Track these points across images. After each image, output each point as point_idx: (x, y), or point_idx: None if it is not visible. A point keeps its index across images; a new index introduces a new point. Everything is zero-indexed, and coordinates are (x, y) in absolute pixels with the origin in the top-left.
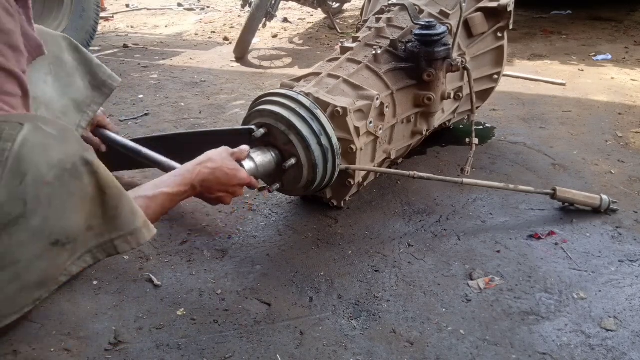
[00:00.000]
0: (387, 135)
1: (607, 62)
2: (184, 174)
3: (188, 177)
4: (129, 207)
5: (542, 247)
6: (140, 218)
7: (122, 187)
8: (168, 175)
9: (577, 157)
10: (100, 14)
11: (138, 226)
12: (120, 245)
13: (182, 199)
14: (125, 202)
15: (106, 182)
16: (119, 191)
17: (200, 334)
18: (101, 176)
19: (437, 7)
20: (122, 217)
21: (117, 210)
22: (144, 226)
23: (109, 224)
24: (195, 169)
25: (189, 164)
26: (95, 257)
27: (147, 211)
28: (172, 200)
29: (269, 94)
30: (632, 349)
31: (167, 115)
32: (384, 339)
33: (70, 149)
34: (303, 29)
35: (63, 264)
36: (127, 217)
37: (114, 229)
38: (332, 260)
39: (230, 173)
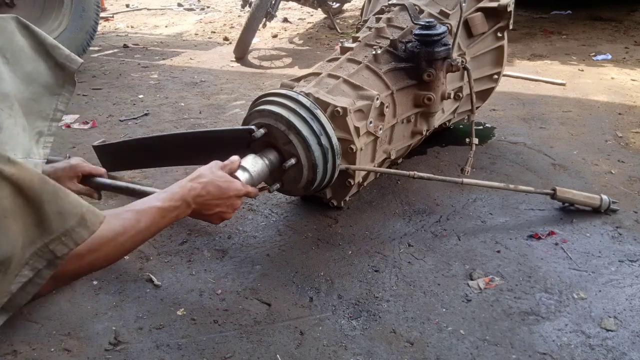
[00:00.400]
0: (387, 135)
1: (607, 62)
2: (174, 189)
3: (179, 192)
4: (55, 206)
5: (542, 247)
6: (72, 216)
7: (43, 183)
8: (160, 191)
9: (577, 157)
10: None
11: (71, 225)
12: (56, 248)
13: (176, 216)
14: (49, 200)
15: (21, 185)
16: (38, 190)
17: (200, 334)
18: (14, 181)
19: (437, 7)
20: (49, 219)
21: (42, 211)
22: (79, 224)
23: (36, 229)
24: (186, 185)
25: (180, 180)
26: (34, 267)
27: (137, 225)
28: (163, 215)
29: (269, 94)
30: (632, 349)
31: (167, 115)
32: (384, 339)
33: None
34: (303, 29)
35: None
36: (55, 218)
37: (44, 233)
38: (332, 260)
39: (223, 185)
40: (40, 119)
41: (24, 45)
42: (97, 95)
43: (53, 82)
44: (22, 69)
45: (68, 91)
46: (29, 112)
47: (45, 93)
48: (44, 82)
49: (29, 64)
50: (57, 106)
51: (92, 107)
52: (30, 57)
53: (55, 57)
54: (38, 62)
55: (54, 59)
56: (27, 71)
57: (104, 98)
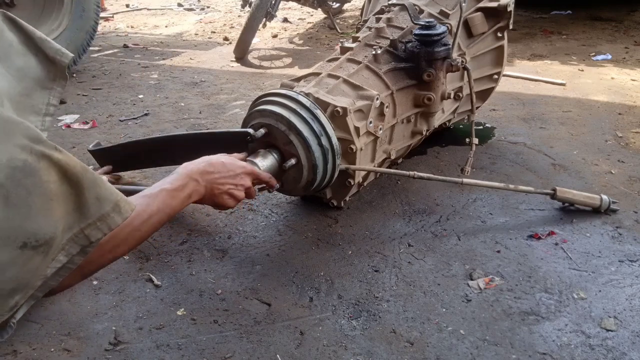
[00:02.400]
0: (387, 135)
1: (607, 62)
2: (180, 170)
3: (183, 171)
4: (94, 191)
5: (542, 247)
6: (108, 202)
7: (85, 171)
8: (167, 176)
9: (577, 157)
10: (100, 14)
11: (107, 210)
12: (91, 233)
13: (188, 196)
14: (89, 186)
15: (67, 171)
16: (81, 176)
17: (200, 334)
18: (61, 167)
19: (437, 7)
20: (88, 204)
21: (82, 197)
22: (113, 210)
23: (75, 214)
24: (189, 165)
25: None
26: (69, 253)
27: (147, 209)
28: (172, 196)
29: (269, 94)
30: (632, 349)
31: (167, 115)
32: (384, 339)
33: (15, 144)
34: (303, 29)
35: (37, 268)
36: (93, 203)
37: (82, 217)
38: (332, 260)
39: (227, 161)
40: (33, 114)
41: (13, 40)
42: (97, 95)
43: (44, 76)
44: (13, 65)
45: (60, 85)
46: (22, 108)
47: (36, 88)
48: (35, 76)
49: (19, 59)
50: (50, 101)
51: (92, 107)
52: (20, 52)
53: (45, 50)
54: (28, 56)
55: (43, 53)
56: (17, 66)
57: (104, 98)
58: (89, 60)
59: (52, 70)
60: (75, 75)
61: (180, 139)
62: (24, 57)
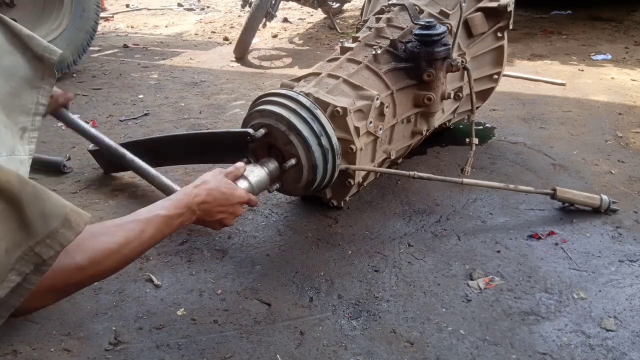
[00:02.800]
0: (387, 135)
1: (607, 62)
2: (179, 196)
3: (183, 199)
4: (37, 207)
5: (542, 247)
6: (56, 217)
7: (23, 185)
8: (165, 199)
9: (577, 157)
10: (100, 14)
11: (55, 226)
12: (42, 251)
13: (181, 223)
14: (30, 202)
15: (1, 187)
16: (17, 192)
17: (200, 334)
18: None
19: (437, 7)
20: (32, 221)
21: (23, 214)
22: (63, 225)
23: (20, 232)
24: (191, 192)
25: (185, 187)
26: (21, 272)
27: (142, 235)
28: (168, 224)
29: (269, 94)
30: (632, 349)
31: (167, 115)
32: (384, 339)
33: None
34: (303, 29)
35: None
36: (38, 220)
37: (28, 236)
38: (332, 260)
39: (227, 192)
40: (23, 114)
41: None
42: (97, 95)
43: (32, 75)
44: (0, 64)
45: (48, 84)
46: (11, 108)
47: (25, 87)
48: (23, 75)
49: (7, 57)
50: (39, 100)
51: (92, 107)
52: (6, 51)
53: (33, 48)
54: (15, 55)
55: (31, 51)
56: (5, 65)
57: (104, 98)
58: (89, 60)
59: (41, 68)
60: (75, 75)
61: (180, 139)
62: (11, 55)
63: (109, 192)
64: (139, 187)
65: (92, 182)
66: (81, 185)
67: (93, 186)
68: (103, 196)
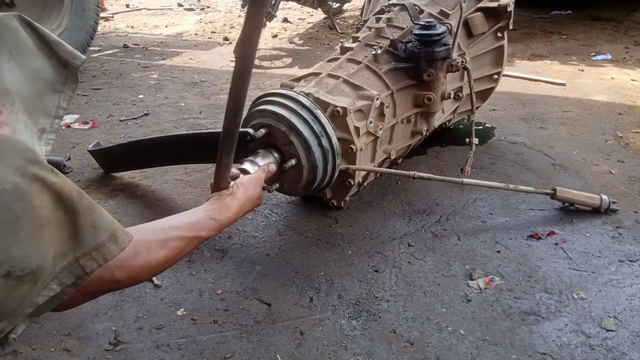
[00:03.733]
0: (387, 135)
1: (607, 62)
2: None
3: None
4: (90, 219)
5: (542, 247)
6: (105, 231)
7: (81, 196)
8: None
9: (577, 157)
10: (100, 14)
11: (103, 240)
12: (86, 263)
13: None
14: (85, 213)
15: (61, 195)
16: (76, 202)
17: (200, 334)
18: (55, 191)
19: (437, 7)
20: (83, 232)
21: (77, 224)
22: (109, 240)
23: (70, 241)
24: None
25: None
26: (62, 283)
27: (181, 253)
28: (204, 240)
29: (269, 94)
30: (632, 348)
31: (167, 115)
32: (384, 339)
33: (8, 165)
34: (303, 29)
35: (24, 297)
36: (89, 231)
37: (77, 246)
38: (332, 260)
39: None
40: (43, 115)
41: (28, 42)
42: (97, 95)
43: (56, 79)
44: (27, 66)
45: (70, 89)
46: (32, 109)
47: (48, 90)
48: (47, 79)
49: (34, 61)
50: (60, 104)
51: (92, 107)
52: (34, 54)
53: (59, 53)
54: (42, 59)
55: (57, 55)
56: (32, 68)
57: (104, 98)
58: (89, 60)
59: (64, 73)
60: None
61: (180, 139)
62: (38, 59)
63: (109, 192)
64: (139, 187)
65: (92, 182)
66: (81, 185)
67: (93, 186)
68: (103, 196)
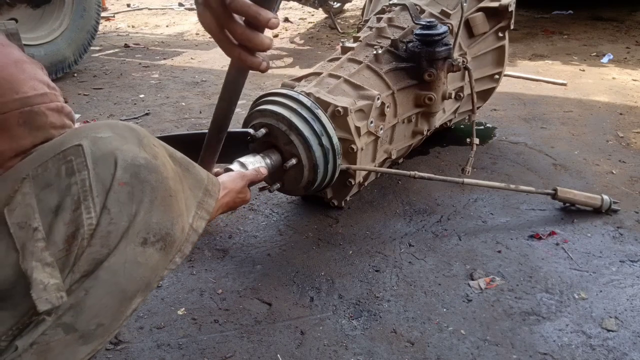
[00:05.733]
0: (388, 135)
1: (608, 62)
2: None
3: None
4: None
5: (543, 247)
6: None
7: (188, 162)
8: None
9: (578, 157)
10: (101, 14)
11: (200, 196)
12: (197, 225)
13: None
14: (189, 177)
15: (175, 156)
16: (186, 166)
17: (200, 334)
18: (170, 154)
19: (438, 6)
20: (190, 199)
21: (186, 192)
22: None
23: (186, 211)
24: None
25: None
26: (183, 254)
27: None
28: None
29: (270, 94)
30: (633, 349)
31: (168, 115)
32: (384, 339)
33: (134, 143)
34: (304, 29)
35: (157, 267)
36: (195, 196)
37: (188, 213)
38: (333, 260)
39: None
40: None
41: None
42: (98, 95)
43: None
44: None
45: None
46: None
47: None
48: None
49: None
50: None
51: (93, 107)
52: None
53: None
54: None
55: None
56: None
57: (105, 98)
58: (90, 60)
59: None
60: (76, 75)
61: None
62: None
63: None
64: None
65: None
66: None
67: None
68: None
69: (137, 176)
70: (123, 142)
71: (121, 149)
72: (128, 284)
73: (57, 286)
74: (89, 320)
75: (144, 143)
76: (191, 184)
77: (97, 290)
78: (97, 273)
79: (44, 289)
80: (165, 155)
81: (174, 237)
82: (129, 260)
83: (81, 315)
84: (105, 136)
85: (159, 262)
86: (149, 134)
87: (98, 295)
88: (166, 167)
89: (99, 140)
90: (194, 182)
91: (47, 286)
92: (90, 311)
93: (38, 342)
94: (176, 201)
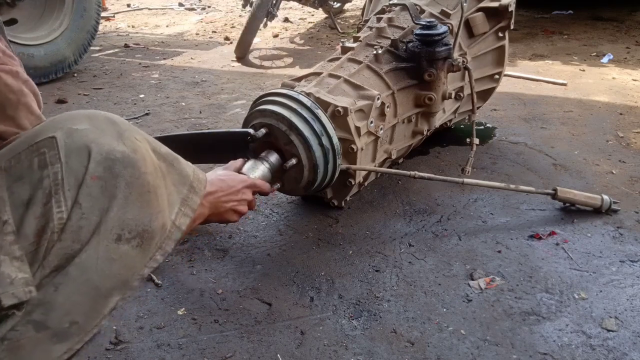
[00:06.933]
0: (388, 135)
1: (608, 62)
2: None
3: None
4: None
5: (543, 247)
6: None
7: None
8: None
9: (578, 157)
10: (101, 14)
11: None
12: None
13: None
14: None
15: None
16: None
17: (200, 334)
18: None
19: (438, 6)
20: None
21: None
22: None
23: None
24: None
25: None
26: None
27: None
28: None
29: (270, 94)
30: (633, 349)
31: (168, 114)
32: (384, 339)
33: (112, 136)
34: (304, 29)
35: (134, 264)
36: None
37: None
38: (333, 260)
39: (226, 177)
40: None
41: None
42: (98, 95)
43: None
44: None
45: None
46: None
47: None
48: None
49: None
50: None
51: (93, 107)
52: None
53: None
54: None
55: None
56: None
57: (105, 98)
58: (90, 60)
59: None
60: (76, 75)
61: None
62: None
63: None
64: None
65: None
66: None
67: None
68: None
69: (110, 170)
70: (100, 135)
71: (97, 142)
72: (101, 280)
73: (25, 280)
74: (61, 317)
75: (125, 136)
76: (176, 179)
77: (67, 287)
78: (68, 269)
79: (11, 283)
80: (148, 149)
81: (152, 234)
82: (101, 256)
83: (52, 313)
84: (81, 128)
85: (135, 259)
86: (132, 126)
87: (69, 292)
88: (146, 161)
89: (74, 132)
90: (179, 178)
91: (14, 280)
92: (61, 308)
93: (8, 338)
94: (155, 197)
